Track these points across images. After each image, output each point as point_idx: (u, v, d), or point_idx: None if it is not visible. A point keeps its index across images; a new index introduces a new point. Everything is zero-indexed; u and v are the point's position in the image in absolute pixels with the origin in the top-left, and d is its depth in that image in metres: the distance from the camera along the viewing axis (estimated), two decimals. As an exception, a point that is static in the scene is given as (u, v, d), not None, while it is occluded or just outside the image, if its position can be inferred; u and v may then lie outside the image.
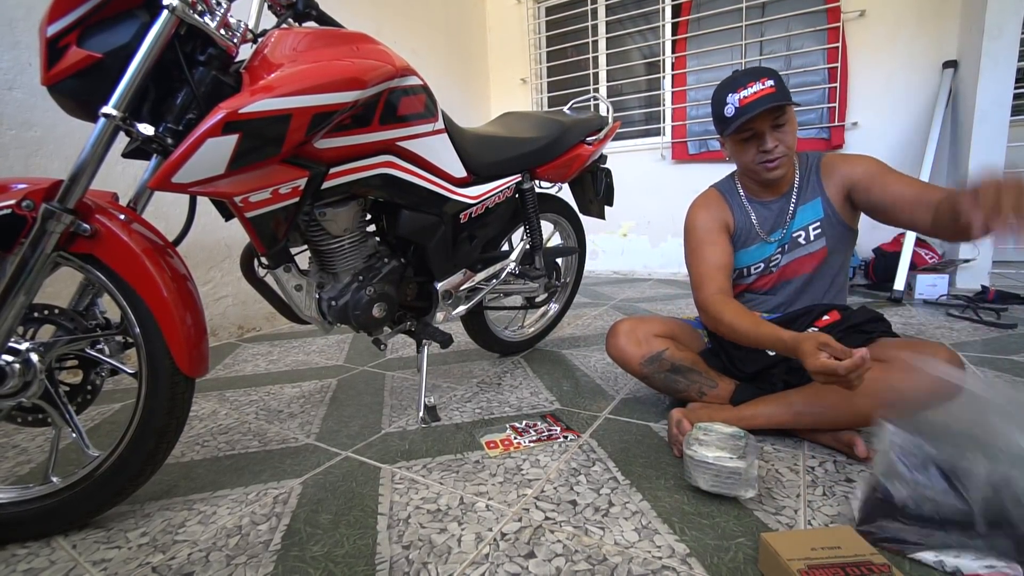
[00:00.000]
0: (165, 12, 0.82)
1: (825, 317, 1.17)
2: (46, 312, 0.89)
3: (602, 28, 3.75)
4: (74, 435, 0.90)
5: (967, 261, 2.59)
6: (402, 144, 1.12)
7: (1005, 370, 1.50)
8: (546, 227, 1.85)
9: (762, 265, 1.25)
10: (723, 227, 1.24)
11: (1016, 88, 2.48)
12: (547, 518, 0.88)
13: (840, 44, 2.96)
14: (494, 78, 4.19)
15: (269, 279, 1.16)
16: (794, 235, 1.21)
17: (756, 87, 1.07)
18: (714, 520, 0.86)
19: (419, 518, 0.90)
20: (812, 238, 1.19)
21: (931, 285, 2.47)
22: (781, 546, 0.70)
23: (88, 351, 0.93)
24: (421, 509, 0.92)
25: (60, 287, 1.60)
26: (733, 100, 1.10)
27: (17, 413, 0.89)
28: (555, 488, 0.97)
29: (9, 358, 0.82)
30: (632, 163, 3.68)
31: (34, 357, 0.84)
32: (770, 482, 0.96)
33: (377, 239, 1.28)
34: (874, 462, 0.82)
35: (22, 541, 0.87)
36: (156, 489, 1.03)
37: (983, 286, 2.44)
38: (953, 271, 2.62)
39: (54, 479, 0.89)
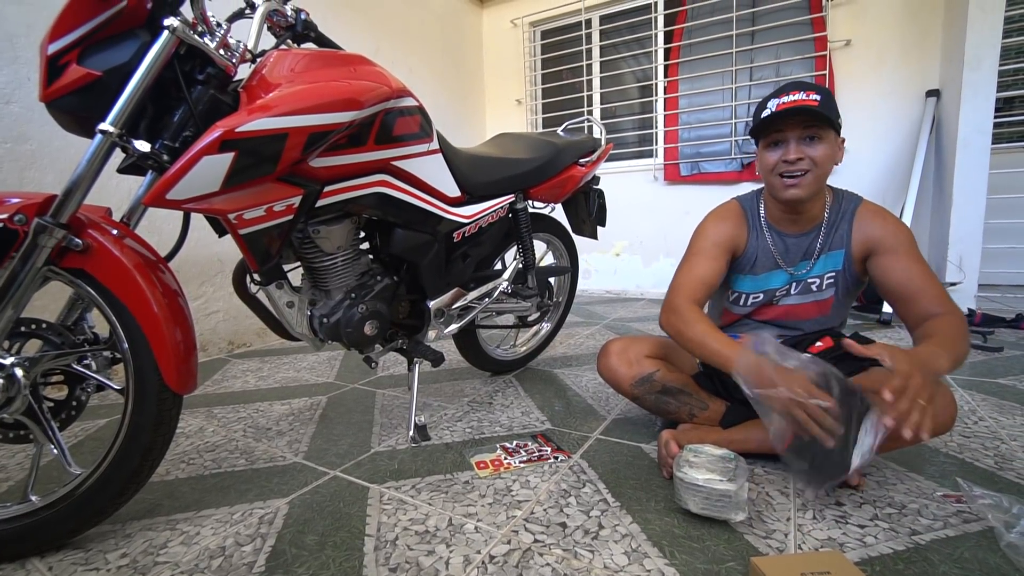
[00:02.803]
0: (166, 32, 0.83)
1: (818, 344, 1.17)
2: (33, 326, 0.88)
3: (596, 51, 3.83)
4: (56, 452, 0.88)
5: (953, 284, 2.63)
6: (397, 164, 1.14)
7: (992, 393, 1.51)
8: (539, 246, 1.87)
9: (762, 296, 1.19)
10: (729, 247, 1.18)
11: (996, 117, 2.55)
12: (536, 540, 0.87)
13: (827, 72, 3.04)
14: (489, 99, 4.26)
15: (261, 295, 1.15)
16: (809, 281, 1.16)
17: (799, 96, 1.02)
18: (704, 543, 0.85)
19: (407, 540, 0.88)
20: (824, 287, 1.15)
21: (919, 308, 2.49)
22: (771, 570, 0.69)
23: (74, 366, 0.92)
24: (409, 530, 0.91)
25: (48, 301, 1.59)
26: (772, 104, 1.05)
27: (-2, 429, 0.88)
28: (545, 510, 0.97)
29: (-7, 373, 0.81)
30: (625, 184, 3.73)
31: (18, 372, 0.83)
32: (760, 505, 0.96)
33: (370, 257, 1.29)
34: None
35: (-3, 562, 0.85)
36: (139, 508, 1.01)
37: (970, 309, 2.47)
38: (940, 294, 2.65)
39: (33, 498, 0.87)
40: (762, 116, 1.06)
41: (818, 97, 1.02)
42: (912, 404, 0.78)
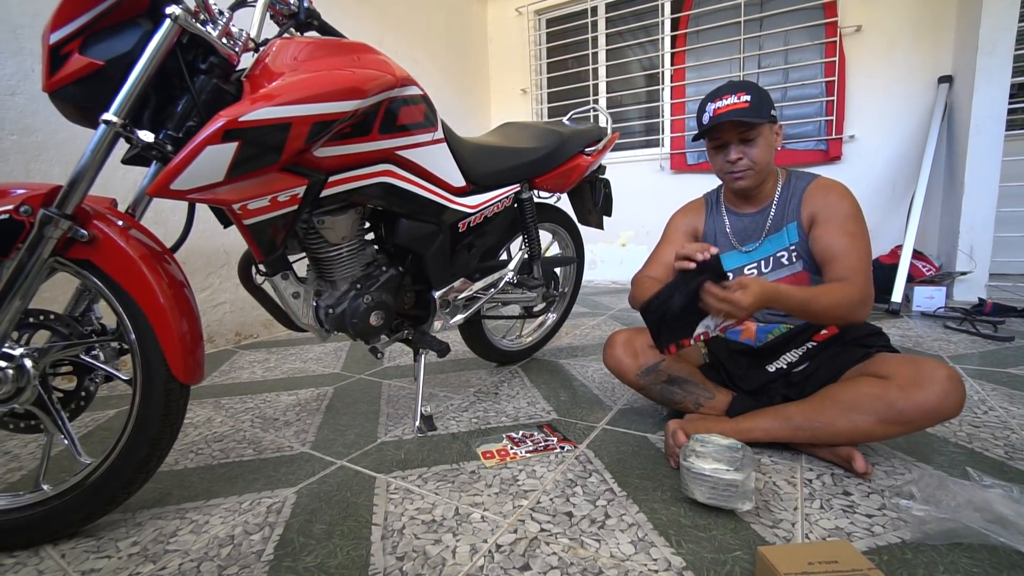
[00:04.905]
0: (168, 21, 0.82)
1: (823, 331, 1.17)
2: (41, 317, 0.89)
3: (602, 40, 3.79)
4: (66, 442, 0.89)
5: (964, 274, 2.60)
6: (401, 153, 1.13)
7: (1002, 383, 1.50)
8: (545, 237, 1.86)
9: (731, 276, 1.23)
10: (690, 232, 1.33)
11: (1010, 103, 2.50)
12: (543, 530, 0.87)
13: (838, 58, 2.99)
14: (495, 88, 4.22)
15: (267, 286, 1.15)
16: (777, 255, 1.21)
17: (731, 99, 1.12)
18: (711, 533, 0.85)
19: (413, 529, 0.89)
20: (793, 260, 1.19)
21: (929, 297, 2.47)
22: (778, 560, 0.69)
23: (83, 357, 0.92)
24: (416, 520, 0.92)
25: (56, 292, 1.60)
26: (710, 109, 1.15)
27: (9, 419, 0.89)
28: (551, 499, 0.97)
29: (2, 364, 0.82)
30: (631, 173, 3.70)
31: (28, 363, 0.83)
32: (767, 495, 0.96)
33: (375, 247, 1.28)
34: None
35: (10, 550, 0.86)
36: (148, 497, 1.02)
37: (980, 298, 2.44)
38: (950, 283, 2.62)
39: (45, 487, 0.88)
40: (703, 121, 1.17)
41: (748, 97, 1.11)
42: (723, 302, 0.95)
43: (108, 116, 0.80)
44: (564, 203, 1.92)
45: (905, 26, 2.87)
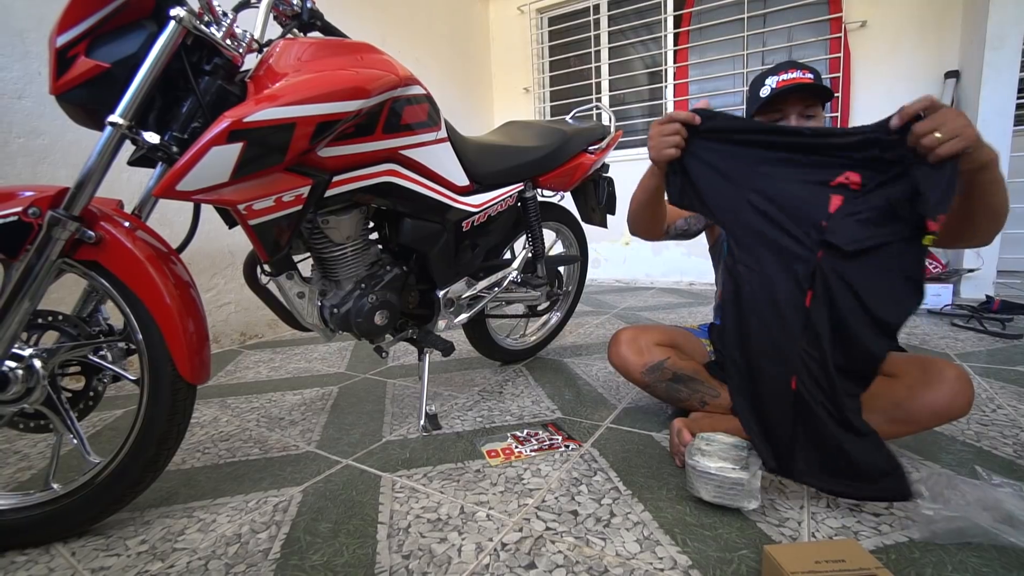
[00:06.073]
0: (172, 23, 0.83)
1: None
2: (50, 318, 0.89)
3: (604, 38, 3.78)
4: (75, 441, 0.90)
5: (972, 271, 2.58)
6: (405, 153, 1.13)
7: (1011, 381, 1.49)
8: (548, 235, 1.86)
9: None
10: None
11: (1018, 98, 2.48)
12: (548, 528, 0.87)
13: (842, 54, 2.97)
14: (497, 87, 4.22)
15: (272, 286, 1.16)
16: None
17: (796, 74, 1.09)
18: (716, 531, 0.85)
19: (419, 527, 0.89)
20: None
21: (935, 295, 2.46)
22: (784, 559, 0.69)
23: (91, 357, 0.93)
24: (421, 518, 0.92)
25: (64, 293, 1.61)
26: (771, 82, 1.11)
27: (19, 419, 0.89)
28: (556, 498, 0.97)
29: (12, 364, 0.83)
30: (635, 172, 3.66)
31: (37, 363, 0.84)
32: (773, 493, 0.95)
33: (379, 247, 1.29)
34: None
35: (21, 548, 0.87)
36: (156, 496, 1.03)
37: (988, 296, 2.42)
38: (957, 281, 2.60)
39: (55, 485, 0.89)
40: (762, 94, 1.11)
41: (811, 75, 1.09)
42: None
43: (114, 118, 0.81)
44: (567, 202, 1.92)
45: (911, 21, 2.85)
